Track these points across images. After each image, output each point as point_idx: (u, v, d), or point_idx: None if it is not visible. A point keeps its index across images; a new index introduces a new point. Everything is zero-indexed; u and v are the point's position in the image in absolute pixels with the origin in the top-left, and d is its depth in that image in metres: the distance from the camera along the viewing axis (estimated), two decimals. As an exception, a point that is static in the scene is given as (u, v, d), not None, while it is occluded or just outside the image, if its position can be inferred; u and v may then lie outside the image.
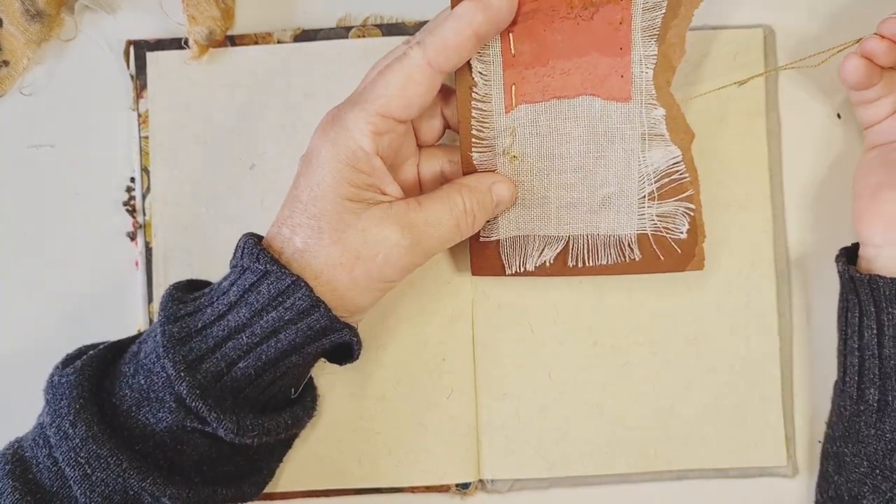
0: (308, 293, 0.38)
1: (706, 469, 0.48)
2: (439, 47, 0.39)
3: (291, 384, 0.42)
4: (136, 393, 0.38)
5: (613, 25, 0.42)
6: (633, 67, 0.42)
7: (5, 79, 0.50)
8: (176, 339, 0.38)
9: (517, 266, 0.45)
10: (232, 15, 0.50)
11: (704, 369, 0.48)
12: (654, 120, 0.42)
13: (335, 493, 0.48)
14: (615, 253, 0.44)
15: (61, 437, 0.37)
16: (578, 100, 0.42)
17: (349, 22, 0.50)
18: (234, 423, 0.38)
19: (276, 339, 0.39)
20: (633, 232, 0.44)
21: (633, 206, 0.43)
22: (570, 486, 0.48)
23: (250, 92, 0.49)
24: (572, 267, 0.45)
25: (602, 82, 0.42)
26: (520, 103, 0.43)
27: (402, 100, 0.39)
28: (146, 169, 0.49)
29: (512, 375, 0.48)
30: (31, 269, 0.50)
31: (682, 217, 0.43)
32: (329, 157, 0.39)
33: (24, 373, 0.42)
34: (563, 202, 0.44)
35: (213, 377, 0.38)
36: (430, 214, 0.40)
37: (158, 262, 0.49)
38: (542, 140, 0.43)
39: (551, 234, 0.44)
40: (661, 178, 0.43)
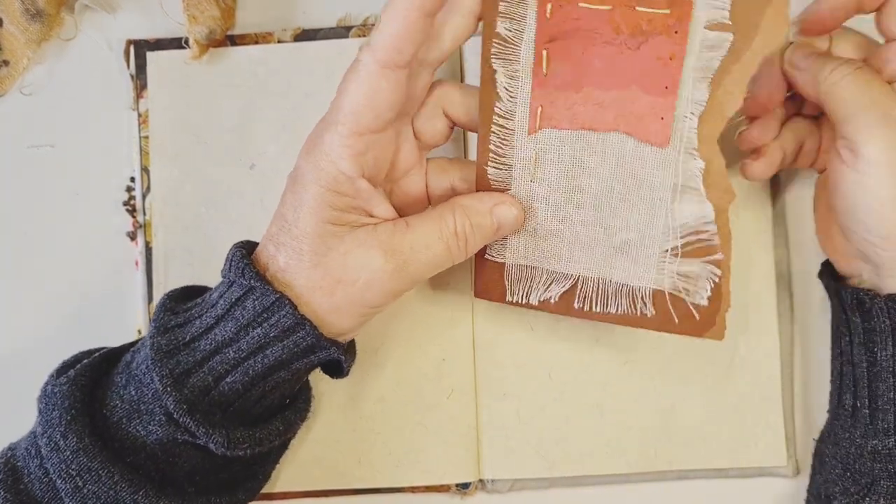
0: (292, 311, 0.37)
1: (706, 469, 0.48)
2: (387, 45, 0.36)
3: (284, 395, 0.41)
4: (127, 404, 0.38)
5: (662, 60, 0.37)
6: (676, 110, 0.37)
7: (5, 78, 0.50)
8: (164, 351, 0.38)
9: (520, 296, 0.42)
10: (232, 15, 0.50)
11: (705, 369, 0.48)
12: (691, 172, 0.38)
13: (335, 493, 0.48)
14: (626, 304, 0.41)
15: (52, 448, 0.37)
16: (610, 135, 0.39)
17: (349, 22, 0.50)
18: (223, 437, 0.37)
19: (262, 354, 0.38)
20: (648, 286, 0.40)
21: (653, 259, 0.40)
22: (570, 486, 0.48)
23: (250, 92, 0.49)
24: (578, 309, 0.41)
25: (639, 121, 0.38)
26: (545, 127, 0.39)
27: (372, 112, 0.37)
28: (146, 169, 0.49)
29: (512, 375, 0.48)
30: (31, 268, 0.50)
31: (706, 281, 0.39)
32: (311, 180, 0.37)
33: (24, 373, 0.42)
34: (578, 239, 0.40)
35: (200, 391, 0.37)
36: (417, 237, 0.38)
37: (158, 262, 0.49)
38: (564, 170, 0.40)
39: (560, 271, 0.41)
40: (688, 235, 0.39)
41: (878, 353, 0.41)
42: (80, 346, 0.43)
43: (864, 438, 0.41)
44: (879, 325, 0.41)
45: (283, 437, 0.41)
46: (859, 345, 0.42)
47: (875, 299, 0.40)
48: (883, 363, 0.41)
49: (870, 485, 0.40)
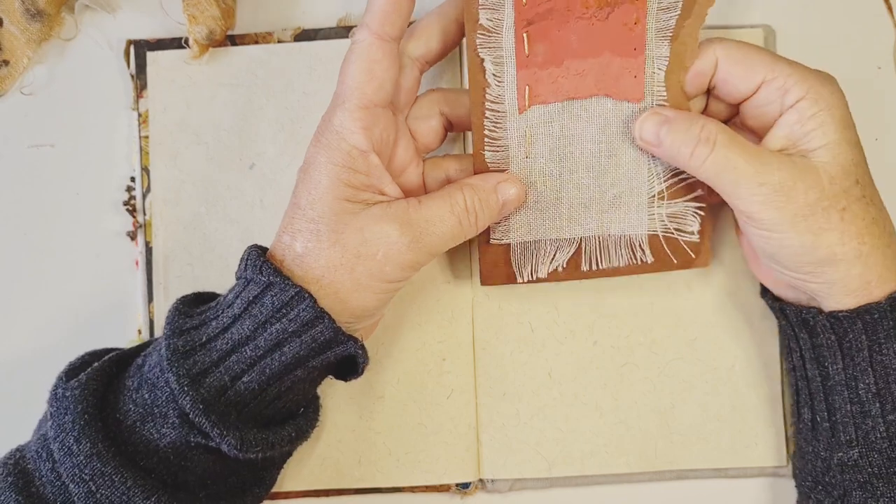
0: (311, 304, 0.38)
1: (706, 469, 0.48)
2: (378, 16, 0.39)
3: (297, 400, 0.41)
4: (140, 408, 0.38)
5: (628, 26, 0.41)
6: (646, 68, 0.42)
7: (5, 78, 0.50)
8: (180, 352, 0.38)
9: (529, 273, 0.45)
10: (232, 14, 0.50)
11: (704, 369, 0.48)
12: None
13: (335, 493, 0.48)
14: (627, 254, 0.44)
15: (65, 452, 0.37)
16: (591, 100, 0.42)
17: (349, 22, 0.50)
18: (237, 440, 0.37)
19: (280, 351, 0.38)
20: (643, 232, 0.44)
21: (643, 206, 0.43)
22: (570, 486, 0.48)
23: (250, 92, 0.49)
24: (586, 271, 0.44)
25: (615, 82, 0.42)
26: (533, 104, 0.42)
27: (373, 82, 0.39)
28: (146, 168, 0.49)
29: (512, 375, 0.48)
30: (31, 268, 0.50)
31: (693, 217, 0.43)
32: (324, 162, 0.39)
33: (24, 373, 0.42)
34: (576, 202, 0.44)
35: (216, 391, 0.38)
36: (430, 212, 0.40)
37: (159, 262, 0.49)
38: (556, 141, 0.43)
39: (563, 237, 0.44)
40: (669, 178, 0.43)
41: (829, 367, 0.41)
42: (80, 347, 0.43)
43: (829, 451, 0.42)
44: (826, 341, 0.41)
45: (295, 443, 0.41)
46: (811, 360, 0.42)
47: (817, 317, 0.41)
48: (835, 377, 0.41)
49: (842, 496, 0.41)
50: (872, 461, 0.40)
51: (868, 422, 0.40)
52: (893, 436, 0.40)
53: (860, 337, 0.40)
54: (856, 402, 0.40)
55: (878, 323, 0.40)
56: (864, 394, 0.40)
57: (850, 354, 0.40)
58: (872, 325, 0.40)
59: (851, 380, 0.41)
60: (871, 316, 0.39)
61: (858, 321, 0.40)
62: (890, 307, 0.39)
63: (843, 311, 0.40)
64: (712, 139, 0.39)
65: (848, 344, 0.40)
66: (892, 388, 0.40)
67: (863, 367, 0.40)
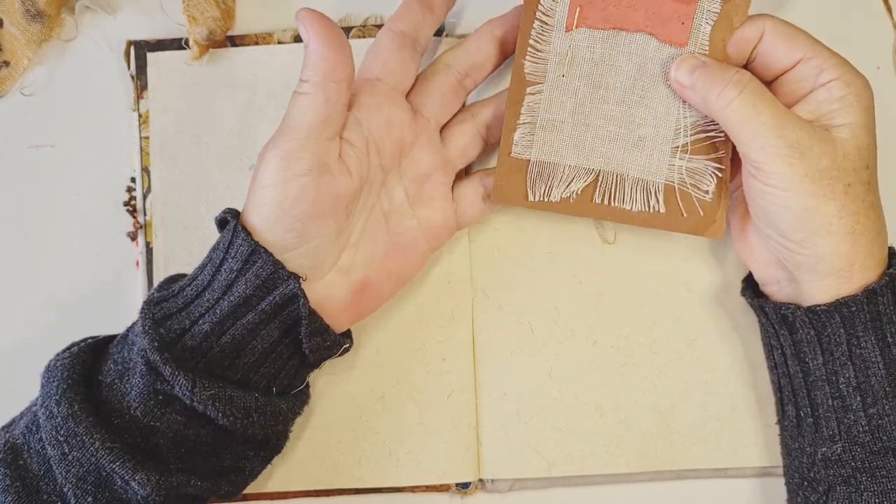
0: (246, 238, 0.39)
1: (706, 469, 0.48)
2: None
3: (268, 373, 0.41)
4: (119, 366, 0.39)
5: None
6: (695, 17, 0.43)
7: (6, 79, 0.50)
8: (153, 302, 0.40)
9: (542, 194, 0.44)
10: (232, 15, 0.50)
11: (704, 369, 0.48)
12: None
13: (335, 493, 0.48)
14: (641, 200, 0.44)
15: (47, 416, 0.38)
16: (637, 35, 0.43)
17: (349, 22, 0.50)
18: (189, 381, 0.37)
19: (229, 292, 0.39)
20: (661, 181, 0.44)
21: (665, 154, 0.44)
22: (570, 486, 0.48)
23: (250, 92, 0.49)
24: (598, 204, 0.44)
25: (663, 24, 0.43)
26: (581, 25, 0.44)
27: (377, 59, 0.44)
28: (147, 169, 0.49)
29: (512, 375, 0.48)
30: (31, 269, 0.50)
31: (711, 177, 0.43)
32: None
33: (24, 373, 0.42)
34: (600, 133, 0.44)
35: (176, 334, 0.39)
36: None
37: (159, 262, 0.49)
38: (594, 67, 0.44)
39: (582, 165, 0.44)
40: (696, 132, 0.43)
41: (809, 362, 0.42)
42: (80, 346, 0.43)
43: (813, 447, 0.42)
44: (805, 336, 0.41)
45: (266, 417, 0.40)
46: (791, 356, 0.43)
47: (796, 313, 0.41)
48: (816, 372, 0.41)
49: (827, 491, 0.41)
50: (855, 455, 0.40)
51: (850, 416, 0.40)
52: (875, 429, 0.40)
53: (838, 331, 0.40)
54: (837, 397, 0.41)
55: (855, 316, 0.40)
56: (845, 388, 0.40)
57: (829, 349, 0.41)
58: (850, 319, 0.40)
59: (832, 374, 0.41)
60: (849, 309, 0.40)
61: (836, 314, 0.40)
62: (866, 299, 0.40)
63: (820, 306, 0.40)
64: (743, 83, 0.40)
65: (827, 338, 0.41)
66: (872, 381, 0.40)
67: (842, 360, 0.40)
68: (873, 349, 0.40)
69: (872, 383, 0.40)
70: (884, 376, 0.40)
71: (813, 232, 0.40)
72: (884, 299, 0.40)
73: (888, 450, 0.39)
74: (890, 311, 0.40)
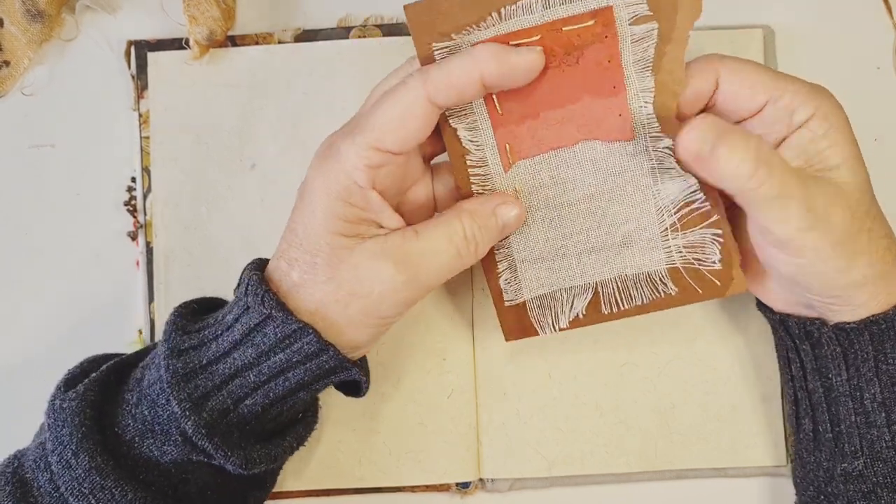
0: (316, 339, 0.37)
1: (706, 469, 0.48)
2: (442, 82, 0.37)
3: (297, 411, 0.42)
4: (140, 423, 0.38)
5: (602, 65, 0.39)
6: (630, 104, 0.39)
7: (6, 79, 0.50)
8: (181, 374, 0.38)
9: (550, 326, 0.43)
10: (233, 15, 0.50)
11: (704, 369, 0.48)
12: (662, 152, 0.40)
13: (335, 493, 0.48)
14: (649, 291, 0.42)
15: (63, 466, 0.37)
16: (578, 146, 0.40)
17: (349, 22, 0.50)
18: (241, 459, 0.37)
19: (283, 377, 0.38)
20: (661, 267, 0.41)
21: (657, 241, 0.41)
22: (570, 486, 0.48)
23: (250, 92, 0.49)
24: (608, 314, 0.42)
25: (599, 124, 0.40)
26: (517, 160, 0.41)
27: (399, 133, 0.37)
28: (147, 169, 0.49)
29: (512, 375, 0.48)
30: (31, 269, 0.50)
31: (712, 245, 0.41)
32: (321, 192, 0.37)
33: (24, 373, 0.42)
34: (583, 248, 0.42)
35: (219, 414, 0.38)
36: (427, 244, 0.38)
37: (159, 262, 0.49)
38: (548, 191, 0.41)
39: (577, 284, 0.42)
40: (680, 209, 0.41)
41: (832, 378, 0.41)
42: (80, 347, 0.43)
43: (832, 461, 0.41)
44: (831, 352, 0.41)
45: (295, 450, 0.42)
46: (812, 371, 0.42)
47: (822, 329, 0.40)
48: (840, 388, 0.41)
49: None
50: (877, 470, 0.40)
51: (873, 431, 0.40)
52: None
53: (867, 347, 0.39)
54: (861, 413, 0.40)
55: (884, 333, 0.39)
56: (870, 404, 0.40)
57: (855, 365, 0.40)
58: (879, 336, 0.39)
59: (856, 390, 0.40)
60: (878, 327, 0.39)
61: (866, 332, 0.39)
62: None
63: (850, 324, 0.39)
64: (770, 160, 0.36)
65: (853, 355, 0.40)
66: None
67: (868, 377, 0.40)
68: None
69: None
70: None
71: (848, 287, 0.39)
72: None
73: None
74: None
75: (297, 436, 0.41)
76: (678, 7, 0.38)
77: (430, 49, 0.39)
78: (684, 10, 0.38)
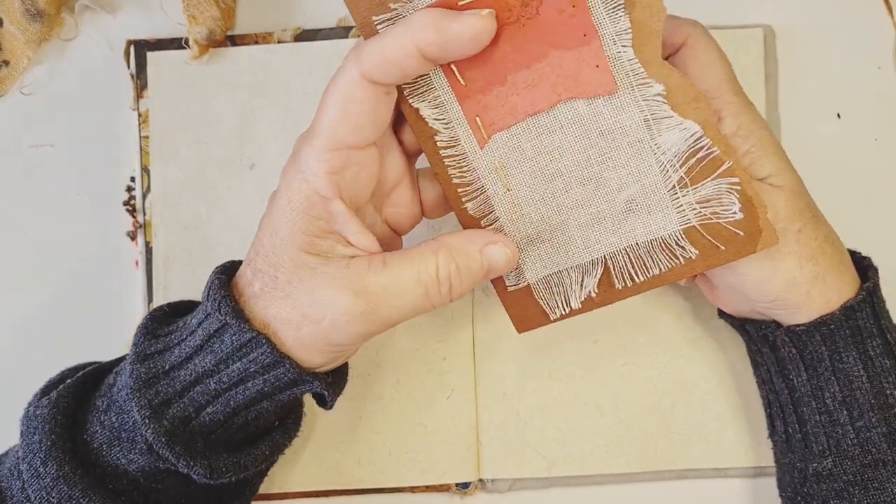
0: (270, 350, 0.35)
1: (706, 469, 0.48)
2: (375, 58, 0.33)
3: (271, 420, 0.40)
4: (108, 431, 0.37)
5: (566, 13, 0.34)
6: (606, 51, 0.35)
7: (5, 78, 0.50)
8: (143, 380, 0.36)
9: (561, 307, 0.39)
10: (232, 15, 0.50)
11: (705, 369, 0.48)
12: (654, 100, 0.36)
13: (335, 494, 0.48)
14: (665, 258, 0.38)
15: (33, 474, 0.36)
16: (557, 108, 0.36)
17: (349, 22, 0.50)
18: (205, 468, 0.36)
19: (243, 387, 0.36)
20: (676, 228, 0.37)
21: (666, 201, 0.37)
22: (570, 486, 0.48)
23: (250, 92, 0.49)
24: (622, 289, 0.39)
25: (575, 80, 0.35)
26: (492, 133, 0.37)
27: (348, 124, 0.34)
28: (146, 168, 0.49)
29: (512, 375, 0.48)
30: (31, 268, 0.50)
31: (729, 195, 0.37)
32: (285, 203, 0.35)
33: (23, 373, 0.42)
34: (583, 221, 0.38)
35: (180, 422, 0.36)
36: (392, 279, 0.35)
37: (159, 262, 0.49)
38: (532, 163, 0.37)
39: (585, 261, 0.39)
40: (686, 160, 0.36)
41: (794, 380, 0.42)
42: (79, 347, 0.43)
43: (804, 462, 0.42)
44: (788, 354, 0.41)
45: (270, 459, 0.40)
46: (776, 373, 0.43)
47: (776, 332, 0.41)
48: (801, 389, 0.41)
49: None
50: (846, 469, 0.40)
51: (838, 430, 0.40)
52: (864, 442, 0.40)
53: (820, 348, 0.40)
54: (824, 412, 0.41)
55: (835, 333, 0.40)
56: (831, 402, 0.40)
57: (812, 366, 0.41)
58: (830, 336, 0.40)
59: (817, 390, 0.41)
60: (828, 327, 0.40)
61: (816, 334, 0.40)
62: (844, 317, 0.40)
63: (800, 326, 0.40)
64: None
65: (809, 356, 0.41)
66: (857, 394, 0.40)
67: (826, 376, 0.40)
68: (856, 363, 0.40)
69: (857, 397, 0.40)
70: (868, 389, 0.40)
71: (781, 290, 0.39)
72: (862, 314, 0.40)
73: (878, 462, 0.39)
74: (870, 325, 0.40)
75: (272, 443, 0.39)
76: None
77: (370, 21, 0.35)
78: None
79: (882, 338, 0.40)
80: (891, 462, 0.39)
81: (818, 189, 0.50)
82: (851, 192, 0.49)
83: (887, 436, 0.39)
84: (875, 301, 0.40)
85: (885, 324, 0.40)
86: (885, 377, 0.40)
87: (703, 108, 0.36)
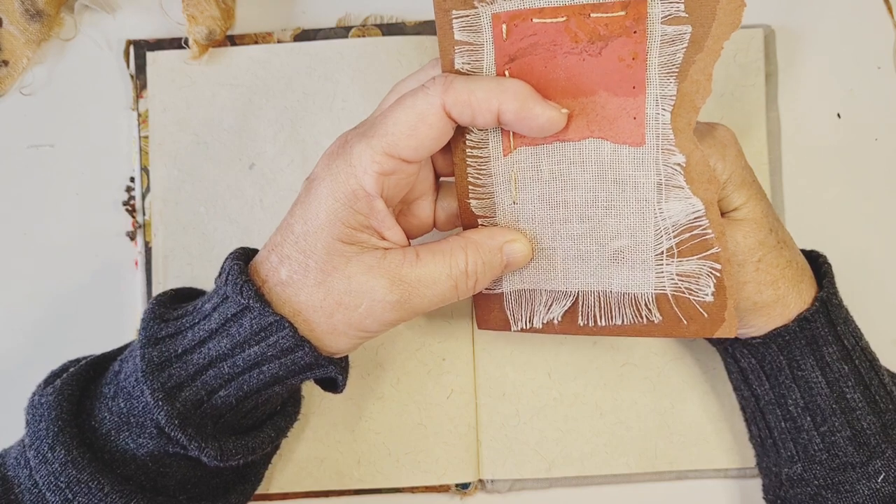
0: (292, 333, 0.36)
1: (706, 469, 0.48)
2: (462, 98, 0.36)
3: (275, 403, 0.41)
4: (116, 416, 0.37)
5: (626, 62, 0.36)
6: (647, 108, 0.37)
7: (5, 79, 0.50)
8: (155, 364, 0.37)
9: (523, 322, 0.41)
10: (232, 15, 0.50)
11: (704, 370, 0.48)
12: (672, 168, 0.37)
13: (335, 494, 0.48)
14: (631, 313, 0.39)
15: (41, 460, 0.36)
16: (584, 142, 0.38)
17: (349, 22, 0.50)
18: (216, 450, 0.37)
19: (258, 370, 0.37)
20: (650, 291, 0.39)
21: (650, 263, 0.38)
22: (570, 486, 0.48)
23: (250, 92, 0.49)
24: (583, 326, 0.40)
25: (611, 124, 0.37)
26: (519, 146, 0.38)
27: (412, 140, 0.36)
28: (146, 168, 0.49)
29: (512, 375, 0.48)
30: (30, 268, 0.50)
31: (707, 277, 0.38)
32: (327, 193, 0.36)
33: (22, 373, 0.42)
34: (570, 254, 0.39)
35: (192, 405, 0.37)
36: (425, 271, 0.37)
37: (158, 262, 0.49)
38: (545, 186, 0.39)
39: (559, 289, 0.40)
40: (680, 233, 0.38)
41: (757, 388, 0.43)
42: (79, 346, 0.43)
43: (778, 467, 0.43)
44: (748, 364, 0.43)
45: (275, 442, 0.41)
46: (742, 382, 0.44)
47: (735, 344, 0.43)
48: (765, 397, 0.43)
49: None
50: (816, 474, 0.41)
51: (803, 436, 0.41)
52: (830, 446, 0.40)
53: (778, 357, 0.41)
54: (788, 419, 0.42)
55: (790, 343, 0.41)
56: (794, 409, 0.41)
57: (773, 374, 0.42)
58: (786, 346, 0.41)
59: (780, 398, 0.42)
60: (783, 338, 0.41)
61: (773, 344, 0.41)
62: (798, 327, 0.40)
63: (756, 339, 0.41)
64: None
65: (769, 365, 0.42)
66: (818, 400, 0.41)
67: (787, 384, 0.41)
68: (813, 370, 0.41)
69: (819, 402, 0.41)
70: (828, 394, 0.40)
71: (742, 314, 0.41)
72: (817, 323, 0.41)
73: (846, 465, 0.40)
74: (825, 333, 0.41)
75: (276, 427, 0.40)
76: (716, 14, 0.35)
77: (450, 17, 0.37)
78: (722, 19, 0.36)
79: (839, 344, 0.41)
80: (859, 464, 0.40)
81: (818, 189, 0.50)
82: (851, 192, 0.49)
83: (852, 439, 0.40)
84: (830, 309, 0.41)
85: (841, 329, 0.41)
86: (844, 382, 0.40)
87: (712, 190, 0.37)
